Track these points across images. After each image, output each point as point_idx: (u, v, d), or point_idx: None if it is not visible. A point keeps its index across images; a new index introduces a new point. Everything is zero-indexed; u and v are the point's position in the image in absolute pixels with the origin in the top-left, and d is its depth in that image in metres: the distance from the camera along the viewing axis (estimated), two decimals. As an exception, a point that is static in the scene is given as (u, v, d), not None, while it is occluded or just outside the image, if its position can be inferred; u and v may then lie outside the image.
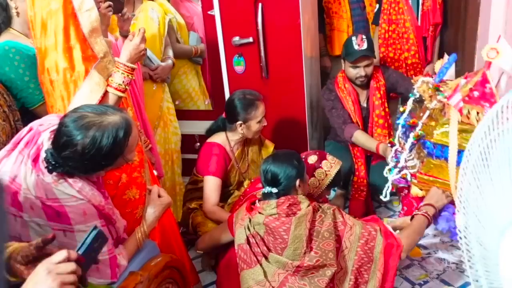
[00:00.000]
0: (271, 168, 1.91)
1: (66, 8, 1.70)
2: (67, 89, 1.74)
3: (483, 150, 0.87)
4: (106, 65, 1.78)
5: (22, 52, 1.90)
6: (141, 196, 1.90)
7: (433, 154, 1.98)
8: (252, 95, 2.44)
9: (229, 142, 2.50)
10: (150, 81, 2.70)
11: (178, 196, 2.84)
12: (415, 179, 2.07)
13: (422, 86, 2.03)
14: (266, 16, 2.64)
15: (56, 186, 1.40)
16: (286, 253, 1.77)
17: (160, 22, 2.74)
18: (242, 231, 1.88)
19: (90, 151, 1.37)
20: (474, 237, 0.91)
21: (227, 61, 2.80)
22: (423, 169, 2.02)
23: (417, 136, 1.97)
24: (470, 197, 0.89)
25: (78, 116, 1.40)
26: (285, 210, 1.81)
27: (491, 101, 1.86)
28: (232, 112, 2.43)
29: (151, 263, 1.67)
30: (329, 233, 1.77)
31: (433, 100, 1.95)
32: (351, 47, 2.64)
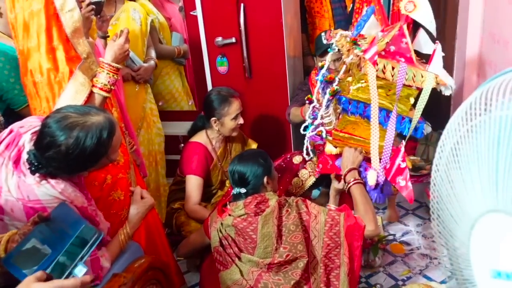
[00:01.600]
0: (237, 168, 1.92)
1: (48, 8, 1.70)
2: (52, 91, 1.74)
3: (454, 146, 0.89)
4: (90, 65, 1.78)
5: (7, 53, 1.89)
6: (126, 197, 1.90)
7: (348, 110, 1.96)
8: (226, 92, 2.46)
9: (210, 140, 2.51)
10: (133, 82, 2.69)
11: (163, 197, 2.84)
12: (330, 136, 2.07)
13: (340, 40, 1.99)
14: (248, 16, 2.65)
15: (38, 187, 1.40)
16: (257, 252, 1.79)
17: (142, 23, 2.73)
18: (215, 233, 1.90)
19: (74, 151, 1.37)
20: (448, 231, 0.94)
21: (210, 61, 2.80)
22: (338, 126, 2.02)
23: (333, 92, 1.94)
24: (443, 192, 0.92)
25: (61, 116, 1.39)
26: (253, 209, 1.82)
27: (406, 56, 1.86)
28: (208, 108, 2.46)
29: (135, 265, 1.67)
30: (295, 226, 1.78)
31: (350, 55, 1.90)
32: (320, 42, 2.65)
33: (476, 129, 0.82)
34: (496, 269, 0.82)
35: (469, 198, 0.86)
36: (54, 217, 1.16)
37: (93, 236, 1.14)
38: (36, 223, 1.16)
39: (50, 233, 1.14)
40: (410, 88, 1.87)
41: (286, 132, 2.91)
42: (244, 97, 2.81)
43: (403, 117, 1.90)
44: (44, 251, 1.12)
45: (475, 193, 0.84)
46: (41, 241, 1.13)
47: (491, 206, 0.80)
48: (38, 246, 1.12)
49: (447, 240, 0.94)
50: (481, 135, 0.81)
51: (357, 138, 2.01)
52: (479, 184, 0.82)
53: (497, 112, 0.76)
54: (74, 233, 1.14)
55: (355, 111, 1.95)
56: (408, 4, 1.84)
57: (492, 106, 0.79)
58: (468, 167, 0.85)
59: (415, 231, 2.70)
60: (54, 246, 1.13)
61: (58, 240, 1.14)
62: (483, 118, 0.81)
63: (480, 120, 0.81)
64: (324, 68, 2.02)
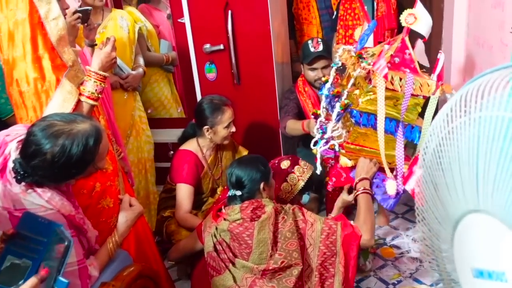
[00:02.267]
0: (235, 171, 1.93)
1: (33, 17, 1.69)
2: (39, 100, 1.73)
3: (436, 148, 0.90)
4: (76, 73, 1.78)
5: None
6: (115, 205, 1.89)
7: (360, 122, 1.98)
8: (219, 100, 2.44)
9: (201, 148, 2.49)
10: (121, 89, 2.69)
11: (152, 205, 2.83)
12: (342, 149, 2.08)
13: (343, 54, 2.03)
14: (236, 23, 2.66)
15: (25, 196, 1.39)
16: (252, 258, 1.78)
17: (130, 30, 2.73)
18: (209, 238, 1.89)
19: (59, 159, 1.36)
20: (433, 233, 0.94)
21: (199, 68, 2.81)
22: (349, 139, 2.03)
23: (343, 106, 1.96)
24: (427, 194, 0.92)
25: (46, 124, 1.39)
26: (249, 214, 1.82)
27: (411, 66, 1.89)
28: (200, 116, 2.44)
29: (124, 273, 1.65)
30: (291, 233, 1.78)
31: (357, 68, 1.93)
32: (307, 49, 2.68)
33: (457, 131, 0.83)
34: (478, 268, 0.83)
35: (452, 199, 0.87)
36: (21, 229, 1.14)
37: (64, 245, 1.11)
38: (4, 241, 1.14)
39: (24, 245, 1.12)
40: (417, 98, 1.90)
41: (275, 138, 2.92)
42: (233, 104, 2.80)
43: (412, 126, 1.93)
44: (24, 265, 1.10)
45: (457, 194, 0.85)
46: (18, 256, 1.11)
47: (472, 206, 0.81)
48: (16, 262, 1.11)
49: (432, 241, 0.94)
50: (461, 137, 0.83)
51: (368, 150, 2.03)
52: (460, 184, 0.83)
53: (476, 113, 0.78)
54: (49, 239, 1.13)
55: (366, 123, 1.97)
56: (409, 17, 1.88)
57: (471, 108, 0.81)
58: (450, 168, 0.87)
59: (405, 235, 2.71)
60: (32, 257, 1.11)
61: (35, 249, 1.12)
62: (463, 120, 0.82)
63: (461, 122, 0.82)
64: (329, 82, 2.06)
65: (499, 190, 0.74)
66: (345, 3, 3.16)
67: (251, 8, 2.63)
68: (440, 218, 0.91)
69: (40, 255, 1.10)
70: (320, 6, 3.30)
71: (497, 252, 0.78)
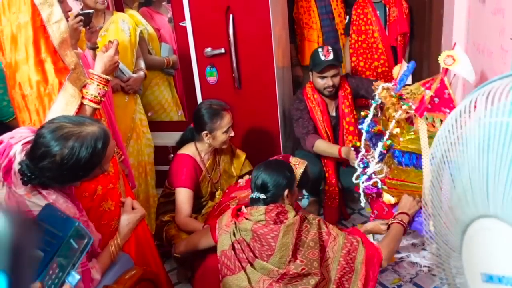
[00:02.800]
0: (262, 175, 1.91)
1: (35, 20, 1.69)
2: (42, 103, 1.72)
3: (444, 153, 0.91)
4: (78, 76, 1.78)
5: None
6: (117, 208, 1.88)
7: (403, 162, 2.02)
8: (218, 105, 2.44)
9: (199, 152, 2.49)
10: (122, 92, 2.68)
11: (152, 208, 2.81)
12: (384, 185, 2.10)
13: (382, 92, 2.07)
14: (237, 27, 2.67)
15: (29, 198, 1.39)
16: (272, 260, 1.78)
17: (131, 34, 2.73)
18: (227, 237, 1.87)
19: (68, 161, 1.37)
20: (440, 236, 0.95)
21: (200, 72, 2.81)
22: (391, 175, 2.06)
23: (386, 146, 2.01)
24: (434, 198, 0.93)
25: (56, 126, 1.39)
26: (273, 217, 1.81)
27: (450, 106, 1.92)
28: (199, 121, 2.44)
29: (125, 276, 1.65)
30: (314, 243, 1.79)
31: (398, 110, 1.98)
32: (317, 58, 2.70)
33: (466, 136, 0.84)
34: (488, 273, 0.83)
35: (461, 204, 0.88)
36: (41, 219, 1.14)
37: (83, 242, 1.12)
38: None
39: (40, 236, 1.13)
40: None
41: (275, 142, 2.92)
42: (233, 107, 2.81)
43: None
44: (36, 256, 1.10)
45: (466, 199, 0.86)
46: None
47: (482, 211, 0.82)
48: None
49: (439, 246, 0.95)
50: (471, 142, 0.83)
51: (410, 185, 2.04)
52: (470, 189, 0.84)
53: (486, 119, 0.79)
54: (65, 234, 1.13)
55: (408, 162, 2.00)
56: (447, 58, 1.91)
57: (481, 114, 0.81)
58: (459, 173, 0.87)
59: (404, 240, 2.71)
60: (45, 249, 1.11)
61: (49, 242, 1.12)
62: (472, 125, 0.83)
63: (470, 127, 0.83)
64: (368, 118, 2.11)
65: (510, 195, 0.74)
66: (358, 8, 3.21)
67: (253, 12, 2.64)
68: (448, 222, 0.92)
69: (53, 248, 1.10)
70: (321, 11, 3.32)
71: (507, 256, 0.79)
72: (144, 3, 3.12)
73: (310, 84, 2.83)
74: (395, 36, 3.21)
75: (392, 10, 3.17)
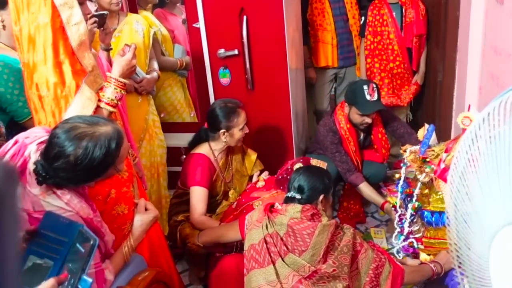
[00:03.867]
0: (301, 176, 1.96)
1: (55, 22, 1.68)
2: (58, 105, 1.72)
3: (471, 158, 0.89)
4: (95, 78, 1.77)
5: (11, 65, 1.88)
6: (130, 211, 1.88)
7: (432, 222, 2.06)
8: (233, 103, 2.45)
9: (212, 152, 2.49)
10: (135, 93, 2.68)
11: (164, 209, 2.81)
12: (421, 244, 2.14)
13: (410, 155, 2.15)
14: (251, 29, 2.66)
15: (44, 198, 1.39)
16: (304, 257, 1.79)
17: (145, 35, 2.73)
18: (258, 231, 1.88)
19: (82, 161, 1.37)
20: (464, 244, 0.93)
21: (213, 73, 2.81)
22: (427, 233, 2.10)
23: (414, 208, 2.08)
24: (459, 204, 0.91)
25: (70, 127, 1.39)
26: (309, 217, 1.84)
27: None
28: (214, 121, 2.44)
29: (139, 278, 1.65)
30: (348, 249, 1.81)
31: (423, 173, 2.04)
32: (362, 96, 2.64)
33: (495, 141, 0.82)
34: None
35: (488, 210, 0.86)
36: (43, 228, 1.14)
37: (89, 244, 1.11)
38: (27, 239, 1.13)
39: (46, 245, 1.12)
40: None
41: (288, 143, 2.91)
42: (246, 109, 2.80)
43: None
44: (46, 265, 1.10)
45: (494, 205, 0.84)
46: (40, 256, 1.11)
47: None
48: (38, 262, 1.11)
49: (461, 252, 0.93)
50: (500, 146, 0.81)
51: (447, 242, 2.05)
52: (499, 195, 0.82)
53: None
54: (71, 239, 1.12)
55: (439, 222, 2.03)
56: (465, 119, 1.98)
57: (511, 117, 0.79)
58: (487, 178, 0.85)
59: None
60: (54, 258, 1.11)
61: (56, 249, 1.12)
62: (502, 129, 0.81)
63: (499, 131, 0.81)
64: (401, 180, 2.17)
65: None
66: (374, 9, 3.19)
67: (266, 13, 2.63)
68: (474, 229, 0.90)
69: (62, 255, 1.10)
70: (335, 12, 3.30)
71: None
72: (158, 4, 3.12)
73: (342, 111, 2.79)
74: (411, 38, 3.18)
75: (408, 11, 3.14)
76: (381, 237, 2.77)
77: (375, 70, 3.25)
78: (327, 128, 2.80)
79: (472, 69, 2.51)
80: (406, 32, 3.17)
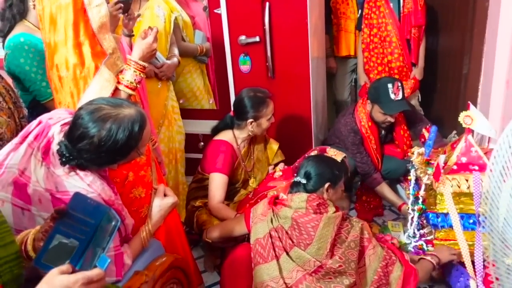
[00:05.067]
0: (310, 162, 1.97)
1: (76, 3, 1.69)
2: (77, 86, 1.73)
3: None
4: (115, 61, 1.77)
5: (38, 45, 1.89)
6: (147, 195, 1.89)
7: (438, 224, 2.09)
8: (262, 93, 2.44)
9: (236, 140, 2.49)
10: (155, 79, 2.67)
11: (181, 196, 2.82)
12: (432, 246, 2.16)
13: (418, 158, 2.15)
14: (273, 16, 2.62)
15: (67, 178, 1.40)
16: (309, 250, 1.77)
17: (166, 20, 2.71)
18: (263, 225, 1.87)
19: (106, 143, 1.37)
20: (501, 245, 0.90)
21: (233, 60, 2.78)
22: (438, 235, 2.11)
23: (419, 210, 2.13)
24: (500, 203, 0.88)
25: (94, 108, 1.39)
26: (314, 207, 1.82)
27: (479, 163, 2.02)
28: (242, 110, 2.43)
29: (156, 263, 1.65)
30: (355, 244, 1.79)
31: (426, 175, 2.09)
32: (386, 95, 2.58)
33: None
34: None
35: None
36: (72, 209, 1.14)
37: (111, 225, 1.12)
38: (55, 218, 1.14)
39: (73, 225, 1.13)
40: None
41: (307, 132, 2.88)
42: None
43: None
44: (72, 245, 1.11)
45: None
46: (66, 235, 1.12)
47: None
48: (64, 241, 1.11)
49: (496, 251, 0.89)
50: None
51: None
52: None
53: None
54: (97, 221, 1.13)
55: (445, 224, 2.07)
56: (466, 118, 2.05)
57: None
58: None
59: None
60: (80, 238, 1.11)
61: (83, 230, 1.12)
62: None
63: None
64: (412, 182, 2.19)
65: None
66: (370, 1, 3.06)
67: (289, 0, 2.58)
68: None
69: (87, 236, 1.10)
70: (359, 0, 3.22)
71: None
72: (179, -11, 3.09)
73: (364, 108, 2.74)
74: (409, 29, 3.02)
75: (406, 1, 2.99)
76: (398, 231, 2.73)
77: (372, 64, 3.14)
78: (348, 128, 2.75)
79: (499, 62, 2.44)
80: (403, 23, 3.03)
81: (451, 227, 2.04)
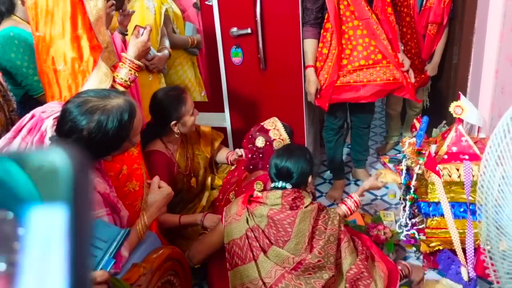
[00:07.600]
0: (286, 163, 1.89)
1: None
2: (75, 80, 1.72)
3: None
4: (109, 55, 1.78)
5: (28, 39, 1.87)
6: (141, 188, 1.89)
7: (430, 213, 2.10)
8: (174, 90, 2.30)
9: (166, 146, 2.34)
10: (146, 71, 2.65)
11: (175, 188, 2.81)
12: (423, 235, 2.17)
13: (409, 148, 2.20)
14: (265, 7, 2.61)
15: None
16: (288, 247, 1.76)
17: (156, 12, 2.70)
18: (239, 225, 1.84)
19: (96, 135, 1.36)
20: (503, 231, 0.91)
21: (225, 52, 2.77)
22: (430, 224, 2.12)
23: (411, 200, 2.15)
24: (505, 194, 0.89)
25: (81, 101, 1.38)
26: (290, 202, 1.80)
27: (469, 152, 2.05)
28: (161, 114, 2.26)
29: (153, 255, 1.65)
30: (334, 238, 1.81)
31: (417, 165, 2.10)
32: None
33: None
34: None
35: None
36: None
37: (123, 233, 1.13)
38: None
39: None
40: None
41: (299, 124, 2.88)
42: (258, 89, 2.78)
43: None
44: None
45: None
46: None
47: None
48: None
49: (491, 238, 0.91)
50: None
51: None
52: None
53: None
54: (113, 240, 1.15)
55: (436, 213, 2.08)
56: (457, 108, 2.08)
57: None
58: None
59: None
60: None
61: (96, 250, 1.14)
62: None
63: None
64: (404, 171, 2.21)
65: None
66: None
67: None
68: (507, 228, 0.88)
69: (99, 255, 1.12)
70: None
71: None
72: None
73: None
74: (423, 24, 2.98)
75: None
76: (390, 220, 2.76)
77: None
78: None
79: (489, 52, 2.46)
80: (421, 17, 3.02)
81: (443, 216, 2.07)
